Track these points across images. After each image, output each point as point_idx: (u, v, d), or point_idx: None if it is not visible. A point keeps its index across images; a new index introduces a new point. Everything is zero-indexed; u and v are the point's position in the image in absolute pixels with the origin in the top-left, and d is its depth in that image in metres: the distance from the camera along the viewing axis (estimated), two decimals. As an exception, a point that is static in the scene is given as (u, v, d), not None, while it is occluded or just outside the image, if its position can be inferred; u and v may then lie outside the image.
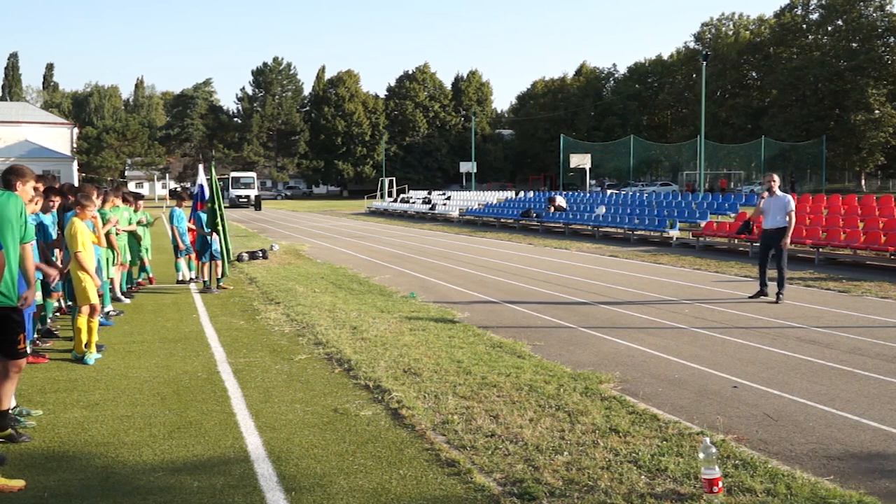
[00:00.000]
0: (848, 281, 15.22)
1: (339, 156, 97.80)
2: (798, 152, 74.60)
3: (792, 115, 76.38)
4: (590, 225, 29.68)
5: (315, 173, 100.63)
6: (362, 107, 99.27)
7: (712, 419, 6.51)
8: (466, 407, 6.70)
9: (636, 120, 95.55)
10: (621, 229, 27.76)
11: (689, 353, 9.02)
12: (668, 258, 20.32)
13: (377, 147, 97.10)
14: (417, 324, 10.67)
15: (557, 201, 34.64)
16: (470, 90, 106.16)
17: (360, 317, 11.21)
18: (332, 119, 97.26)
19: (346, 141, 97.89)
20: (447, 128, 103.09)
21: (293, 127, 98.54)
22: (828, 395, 7.24)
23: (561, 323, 11.15)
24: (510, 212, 37.74)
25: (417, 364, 8.21)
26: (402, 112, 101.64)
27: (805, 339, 9.82)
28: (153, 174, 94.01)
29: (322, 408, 6.80)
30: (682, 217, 26.88)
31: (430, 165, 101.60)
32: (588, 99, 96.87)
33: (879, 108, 69.78)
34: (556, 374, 7.83)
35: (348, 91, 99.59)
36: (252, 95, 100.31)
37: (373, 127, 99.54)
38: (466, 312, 12.00)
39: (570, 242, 26.12)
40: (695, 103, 77.75)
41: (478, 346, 9.23)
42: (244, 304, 12.85)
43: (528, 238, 28.62)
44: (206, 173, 15.20)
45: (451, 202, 48.57)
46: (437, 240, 28.66)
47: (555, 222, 32.66)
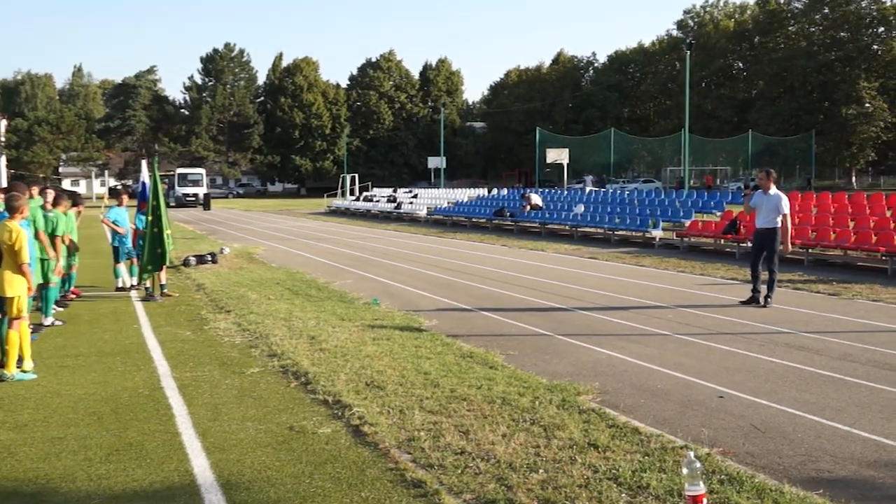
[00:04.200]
0: (838, 283, 15.44)
1: (297, 150, 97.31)
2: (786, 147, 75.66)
3: (780, 108, 77.47)
4: (568, 225, 29.83)
5: (270, 169, 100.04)
6: (322, 97, 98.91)
7: (697, 432, 6.57)
8: (434, 422, 6.69)
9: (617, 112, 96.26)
10: (601, 229, 27.91)
11: (673, 362, 9.09)
12: (651, 260, 20.48)
13: (338, 141, 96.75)
14: (381, 333, 10.64)
15: (533, 199, 34.75)
16: (439, 79, 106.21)
17: (318, 326, 11.16)
18: (289, 110, 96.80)
19: (304, 134, 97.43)
20: (414, 120, 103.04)
21: (246, 119, 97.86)
22: (817, 404, 7.34)
23: (536, 330, 11.18)
24: (482, 211, 37.81)
25: (381, 376, 8.18)
26: (365, 103, 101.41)
27: (794, 345, 9.94)
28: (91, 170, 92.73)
29: (276, 426, 6.75)
30: (666, 216, 27.11)
31: (395, 161, 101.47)
32: (566, 89, 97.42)
33: (870, 101, 70.89)
34: (530, 385, 7.84)
35: (306, 80, 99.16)
36: (201, 85, 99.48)
37: (333, 119, 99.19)
38: (434, 320, 11.99)
39: (547, 243, 26.22)
40: (678, 94, 78.52)
41: (446, 356, 9.23)
42: (191, 313, 12.73)
43: (501, 239, 28.69)
44: (149, 170, 15.04)
45: (418, 200, 48.48)
46: (403, 241, 28.61)
47: (530, 222, 32.77)
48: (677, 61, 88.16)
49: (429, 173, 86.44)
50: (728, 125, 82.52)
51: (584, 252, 23.10)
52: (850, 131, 71.27)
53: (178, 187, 68.35)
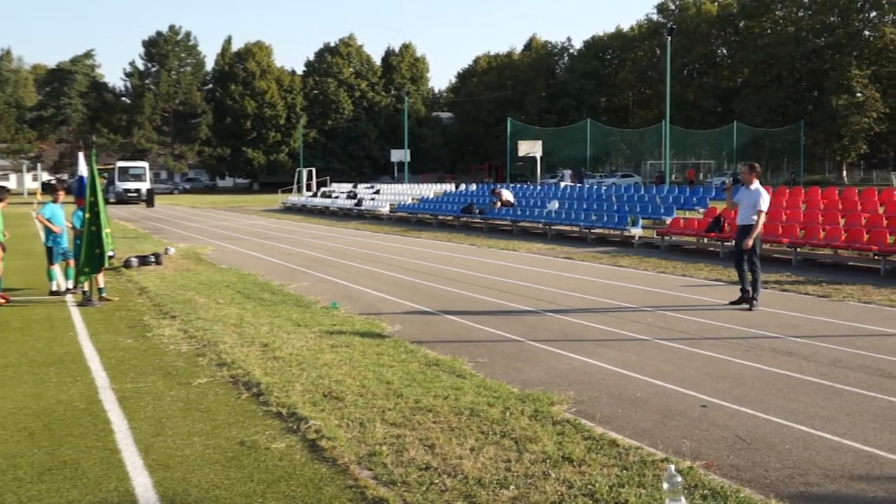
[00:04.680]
0: (828, 284, 15.65)
1: (249, 142, 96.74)
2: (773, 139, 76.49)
3: (766, 98, 78.29)
4: (541, 222, 29.94)
5: (219, 163, 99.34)
6: (276, 85, 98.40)
7: (678, 443, 6.62)
8: (397, 435, 6.69)
9: (593, 101, 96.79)
10: (577, 227, 28.04)
11: (653, 369, 9.16)
12: (630, 260, 20.62)
13: (293, 132, 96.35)
14: (340, 339, 10.62)
15: (504, 195, 34.85)
16: (402, 66, 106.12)
17: (272, 332, 11.11)
18: (240, 99, 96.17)
19: (256, 125, 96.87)
20: (376, 110, 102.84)
21: (193, 108, 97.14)
22: (806, 413, 7.43)
23: (507, 336, 11.21)
24: (449, 207, 37.84)
25: (340, 386, 8.16)
26: (322, 91, 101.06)
27: (781, 350, 10.06)
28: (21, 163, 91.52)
29: (226, 440, 6.71)
30: (646, 213, 27.32)
31: (355, 153, 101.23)
32: (539, 77, 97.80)
33: (862, 90, 71.75)
34: (501, 395, 7.86)
35: (259, 66, 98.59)
36: (143, 71, 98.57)
37: (288, 108, 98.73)
38: (398, 325, 11.98)
39: (519, 242, 26.31)
40: (659, 83, 79.19)
41: (411, 364, 9.22)
42: (132, 319, 12.61)
43: (470, 238, 28.73)
44: (87, 163, 14.87)
45: (380, 196, 48.42)
46: (364, 240, 28.55)
47: (501, 219, 32.83)
48: (657, 48, 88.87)
49: (392, 167, 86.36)
50: (711, 116, 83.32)
51: (558, 252, 23.20)
52: (841, 122, 72.10)
53: (118, 182, 67.61)
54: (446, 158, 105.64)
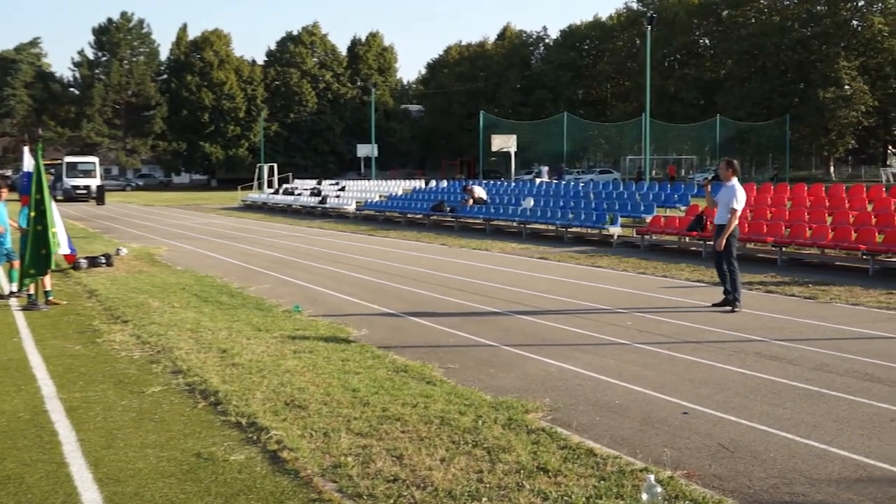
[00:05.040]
0: (815, 285, 15.80)
1: (206, 136, 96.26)
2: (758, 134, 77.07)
3: (750, 90, 78.89)
4: (515, 221, 30.01)
5: (175, 158, 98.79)
6: (235, 75, 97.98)
7: (658, 452, 6.66)
8: (363, 446, 6.68)
9: (570, 94, 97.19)
10: (553, 226, 28.14)
11: (632, 374, 9.21)
12: (608, 260, 20.72)
13: (254, 125, 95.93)
14: (303, 344, 10.59)
15: (476, 192, 34.88)
16: (369, 56, 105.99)
17: (230, 337, 11.06)
18: (197, 90, 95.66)
19: (214, 118, 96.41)
20: (341, 102, 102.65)
21: (147, 100, 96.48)
22: (791, 419, 7.50)
23: (479, 340, 11.23)
24: (419, 205, 37.83)
25: (302, 394, 8.14)
26: (285, 83, 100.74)
27: (766, 354, 10.15)
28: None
29: (181, 452, 6.67)
30: (625, 211, 27.45)
31: (320, 148, 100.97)
32: (513, 68, 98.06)
33: (850, 82, 72.41)
34: (473, 402, 7.87)
35: (217, 56, 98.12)
36: (93, 60, 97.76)
37: (248, 101, 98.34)
38: (364, 329, 11.96)
39: (492, 242, 26.36)
40: (638, 74, 79.65)
41: (378, 370, 9.22)
42: (81, 324, 12.51)
43: (440, 237, 28.74)
44: (32, 158, 14.73)
45: (346, 194, 48.37)
46: (329, 240, 28.49)
47: (473, 218, 32.87)
48: (637, 37, 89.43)
49: (358, 163, 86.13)
50: (694, 109, 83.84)
51: (533, 251, 23.27)
52: (828, 116, 72.69)
53: (66, 178, 67.01)
54: (416, 153, 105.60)
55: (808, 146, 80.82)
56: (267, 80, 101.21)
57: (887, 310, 13.26)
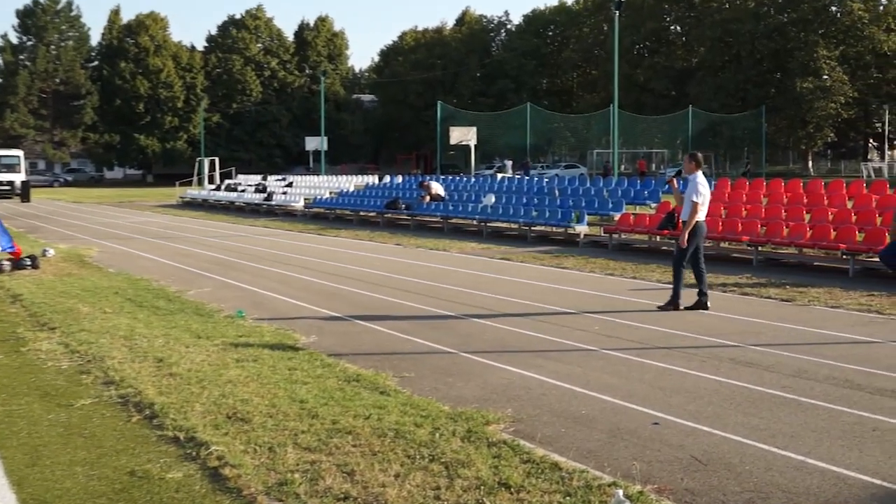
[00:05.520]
0: (792, 287, 15.98)
1: (141, 128, 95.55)
2: (732, 126, 77.79)
3: (724, 80, 79.66)
4: (475, 219, 30.06)
5: (107, 151, 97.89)
6: (173, 62, 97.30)
7: (627, 466, 6.69)
8: (312, 461, 6.65)
9: (534, 83, 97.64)
10: (515, 224, 28.22)
11: (599, 382, 9.25)
12: (574, 261, 20.81)
13: (193, 116, 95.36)
14: (247, 352, 10.53)
15: (433, 189, 34.90)
16: (318, 42, 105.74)
17: (168, 345, 10.97)
18: (131, 78, 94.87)
19: (150, 108, 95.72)
20: (288, 91, 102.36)
21: (76, 88, 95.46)
22: (768, 430, 7.57)
23: (437, 347, 11.23)
24: (372, 202, 37.80)
25: (246, 406, 8.09)
26: (227, 70, 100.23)
27: (741, 360, 10.24)
28: None
29: (113, 470, 6.60)
30: (592, 208, 27.57)
31: (265, 141, 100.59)
32: (473, 56, 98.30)
33: (829, 72, 73.28)
34: (429, 414, 7.87)
35: (153, 41, 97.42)
36: (17, 45, 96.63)
37: (187, 89, 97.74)
38: (313, 335, 11.93)
39: (451, 242, 26.38)
40: (606, 63, 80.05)
41: (327, 379, 9.19)
42: (4, 332, 12.34)
43: (395, 236, 28.72)
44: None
45: (293, 190, 48.21)
46: (275, 240, 28.39)
47: (430, 216, 32.88)
48: (604, 23, 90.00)
49: (307, 157, 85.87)
50: (664, 100, 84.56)
51: (494, 252, 23.32)
52: (806, 108, 73.49)
53: (-13, 174, 66.12)
54: (368, 147, 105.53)
55: (785, 139, 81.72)
56: (207, 68, 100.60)
57: (868, 313, 13.44)
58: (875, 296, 14.83)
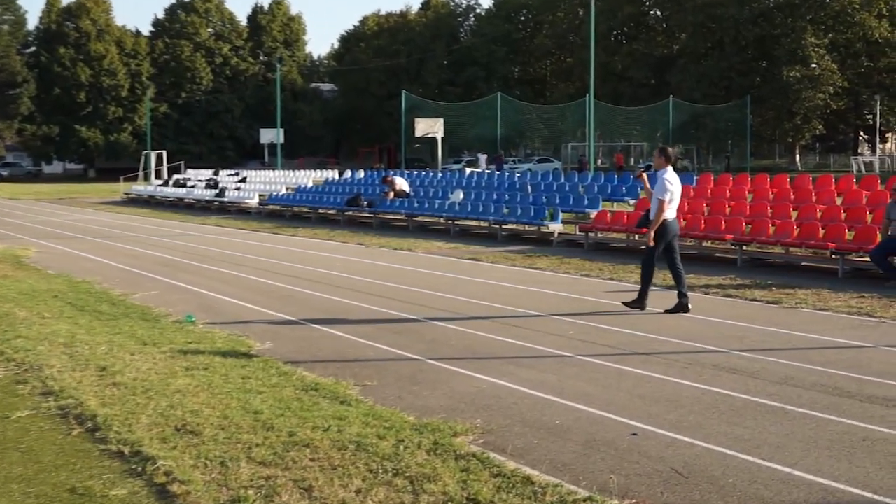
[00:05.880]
0: (778, 288, 16.10)
1: (83, 119, 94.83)
2: (715, 117, 78.09)
3: (707, 68, 79.91)
4: (442, 217, 30.06)
5: (46, 144, 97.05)
6: (116, 48, 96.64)
7: (604, 479, 6.72)
8: (267, 477, 6.63)
9: (505, 71, 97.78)
10: (485, 222, 28.25)
11: (575, 391, 9.28)
12: (548, 261, 20.87)
13: (139, 106, 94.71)
14: (197, 360, 10.49)
15: (397, 184, 34.87)
16: (274, 27, 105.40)
17: (111, 352, 10.89)
18: (72, 65, 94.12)
19: (92, 97, 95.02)
20: (242, 80, 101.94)
21: (11, 76, 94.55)
22: (752, 440, 7.63)
23: (401, 353, 11.23)
24: (332, 199, 37.70)
25: (196, 418, 8.05)
26: (175, 57, 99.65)
27: (724, 366, 10.31)
28: None
29: (52, 488, 6.55)
30: (567, 205, 27.63)
31: (216, 133, 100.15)
32: (439, 42, 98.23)
33: (817, 60, 73.64)
34: (393, 425, 7.86)
35: (95, 25, 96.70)
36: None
37: (132, 77, 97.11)
38: (268, 342, 11.89)
39: (416, 241, 26.38)
40: (582, 50, 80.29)
41: (284, 389, 9.17)
42: (-65, 338, 12.21)
43: (357, 235, 28.69)
44: None
45: (247, 186, 48.06)
46: (228, 239, 28.30)
47: (394, 213, 32.85)
48: (580, 8, 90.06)
49: (261, 150, 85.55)
50: (644, 89, 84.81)
51: (463, 252, 23.35)
52: (793, 98, 73.64)
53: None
54: (328, 139, 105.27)
55: (772, 132, 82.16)
56: (154, 54, 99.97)
57: (858, 316, 13.54)
58: (865, 298, 14.96)
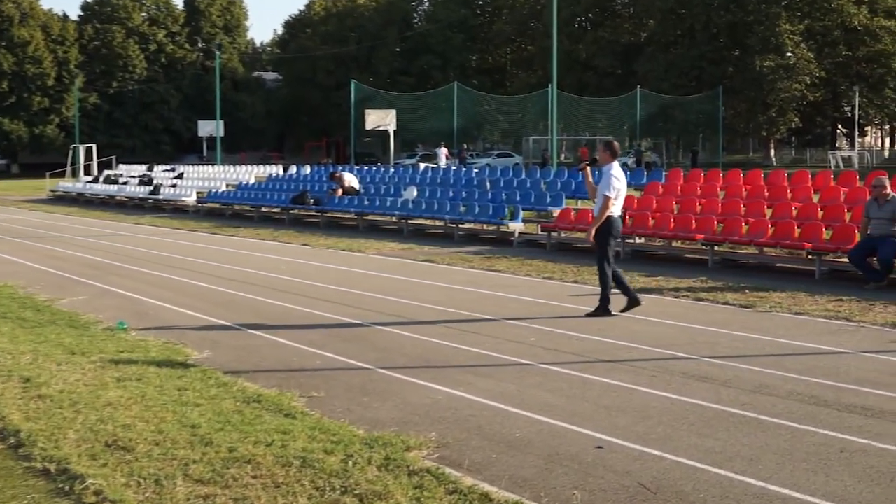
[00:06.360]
0: (752, 291, 16.19)
1: (5, 110, 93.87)
2: (685, 109, 78.51)
3: (676, 57, 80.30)
4: (395, 215, 30.00)
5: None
6: (42, 33, 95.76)
7: (567, 495, 6.74)
8: (205, 496, 6.60)
9: (462, 60, 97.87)
10: (441, 221, 28.25)
11: (536, 401, 9.30)
12: (508, 263, 20.89)
13: (66, 96, 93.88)
14: (129, 370, 10.41)
15: (346, 180, 34.81)
16: (213, 11, 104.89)
17: (36, 362, 10.79)
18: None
19: (15, 86, 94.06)
20: (178, 68, 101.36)
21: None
22: (724, 453, 7.67)
23: (350, 362, 11.21)
24: (276, 196, 37.62)
25: (128, 433, 7.99)
26: (106, 43, 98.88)
27: (694, 374, 10.37)
28: None
29: (-29, 509, 6.49)
30: (528, 202, 27.66)
31: (151, 125, 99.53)
32: (392, 28, 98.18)
33: (793, 49, 74.22)
34: (342, 439, 7.84)
35: (18, 8, 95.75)
36: None
37: (59, 65, 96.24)
38: (207, 350, 11.84)
39: (366, 241, 26.34)
40: (543, 37, 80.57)
41: (224, 401, 9.12)
42: None
43: (303, 236, 28.62)
44: None
45: (184, 182, 47.84)
46: (163, 240, 28.17)
47: (343, 212, 32.80)
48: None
49: (200, 144, 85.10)
50: (610, 79, 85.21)
51: (417, 253, 23.36)
52: (768, 89, 74.13)
53: None
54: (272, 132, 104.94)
55: (745, 125, 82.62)
56: (83, 40, 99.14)
57: (836, 320, 13.65)
58: (844, 301, 15.07)
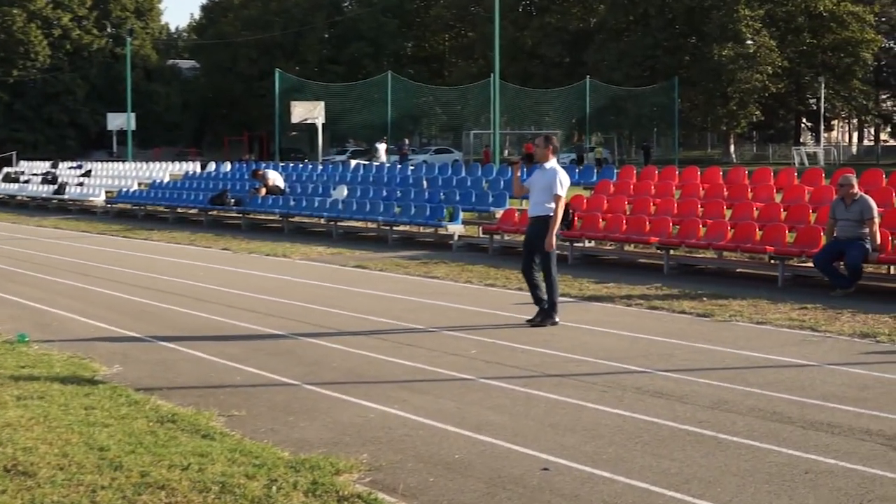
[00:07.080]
0: (710, 299, 16.31)
1: None
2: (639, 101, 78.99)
3: (629, 46, 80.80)
4: (323, 217, 29.92)
5: None
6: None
7: (511, 522, 6.76)
8: (114, 526, 6.55)
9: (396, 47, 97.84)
10: (373, 223, 28.22)
11: (478, 420, 9.31)
12: (447, 268, 20.93)
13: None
14: (31, 387, 10.29)
15: (270, 179, 34.68)
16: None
17: (-75, 380, 10.66)
18: None
19: None
20: (85, 56, 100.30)
21: None
22: (680, 474, 7.72)
23: (275, 378, 11.17)
24: (193, 196, 37.42)
25: (30, 456, 7.90)
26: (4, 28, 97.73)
27: (648, 389, 10.44)
28: None
29: None
30: (468, 203, 27.69)
31: (55, 119, 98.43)
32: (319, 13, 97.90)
33: (753, 36, 74.90)
34: (265, 462, 7.81)
35: None
36: None
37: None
38: (117, 365, 11.74)
39: (292, 245, 26.27)
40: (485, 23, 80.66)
41: (135, 421, 9.05)
42: None
43: (222, 239, 28.48)
44: None
45: (92, 181, 47.51)
46: (69, 244, 27.96)
47: (267, 213, 32.68)
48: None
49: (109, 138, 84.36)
50: (557, 70, 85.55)
51: (347, 258, 23.34)
52: (727, 79, 74.78)
53: None
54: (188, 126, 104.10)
55: (703, 118, 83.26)
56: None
57: (800, 329, 13.76)
58: (808, 309, 15.22)
